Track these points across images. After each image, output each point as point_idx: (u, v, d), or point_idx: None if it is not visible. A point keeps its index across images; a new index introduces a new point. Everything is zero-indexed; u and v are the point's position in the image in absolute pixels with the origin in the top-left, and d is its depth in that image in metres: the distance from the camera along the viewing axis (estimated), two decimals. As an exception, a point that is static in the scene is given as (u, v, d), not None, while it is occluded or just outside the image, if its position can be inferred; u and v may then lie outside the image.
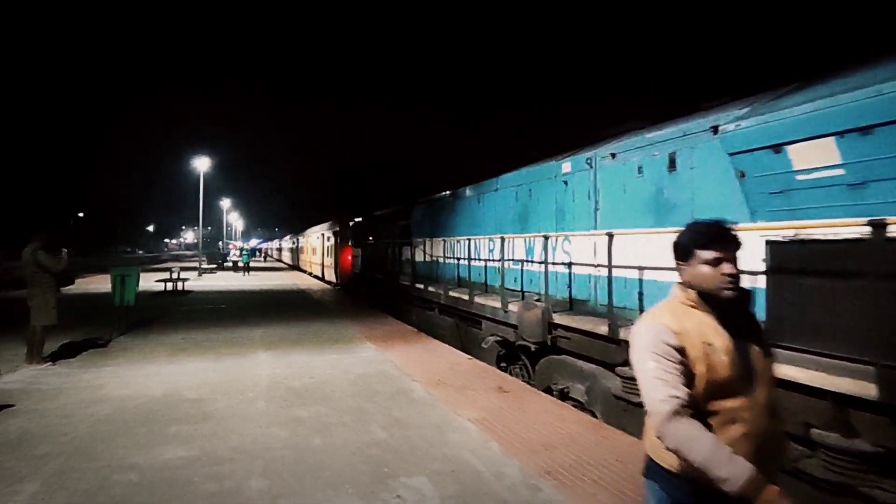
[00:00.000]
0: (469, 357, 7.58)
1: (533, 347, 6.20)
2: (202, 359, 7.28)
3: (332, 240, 22.77)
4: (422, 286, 10.57)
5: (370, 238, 16.68)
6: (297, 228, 47.15)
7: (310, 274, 29.56)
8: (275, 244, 69.84)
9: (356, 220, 19.16)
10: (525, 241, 7.46)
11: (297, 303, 15.22)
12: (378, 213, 16.76)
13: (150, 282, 18.25)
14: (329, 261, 24.07)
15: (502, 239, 7.61)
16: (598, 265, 5.61)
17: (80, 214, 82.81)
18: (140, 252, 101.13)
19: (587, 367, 5.54)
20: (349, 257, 19.50)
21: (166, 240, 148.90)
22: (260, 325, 10.36)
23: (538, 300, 6.29)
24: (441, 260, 10.28)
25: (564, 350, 5.89)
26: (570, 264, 6.30)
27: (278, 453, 3.96)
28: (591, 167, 6.04)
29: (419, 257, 11.61)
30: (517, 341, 6.63)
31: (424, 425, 4.60)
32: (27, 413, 4.90)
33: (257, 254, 73.32)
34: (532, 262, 7.17)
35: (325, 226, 26.01)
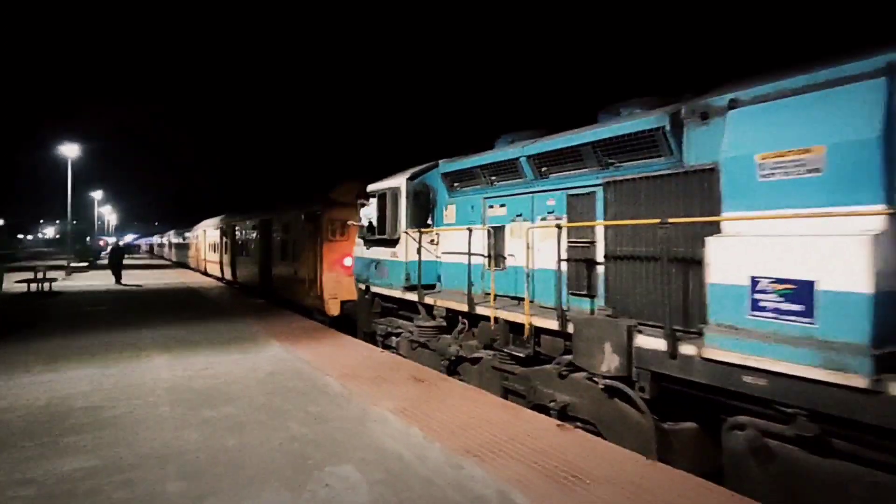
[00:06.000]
0: (381, 350, 7.66)
1: None
2: (87, 365, 6.66)
3: (304, 226, 12.56)
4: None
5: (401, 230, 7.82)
6: (181, 223, 43.49)
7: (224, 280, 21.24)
8: (156, 240, 64.13)
9: (383, 186, 8.35)
10: None
11: (188, 302, 14.24)
12: (470, 162, 6.87)
13: (9, 282, 16.10)
14: (288, 263, 13.74)
15: None
16: None
17: None
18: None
19: None
20: (343, 261, 11.32)
21: (20, 235, 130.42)
22: (149, 328, 9.60)
23: None
24: None
25: None
26: None
27: (192, 456, 3.82)
28: None
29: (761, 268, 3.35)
30: None
31: (344, 418, 4.66)
32: None
33: (133, 249, 66.72)
34: None
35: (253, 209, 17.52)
